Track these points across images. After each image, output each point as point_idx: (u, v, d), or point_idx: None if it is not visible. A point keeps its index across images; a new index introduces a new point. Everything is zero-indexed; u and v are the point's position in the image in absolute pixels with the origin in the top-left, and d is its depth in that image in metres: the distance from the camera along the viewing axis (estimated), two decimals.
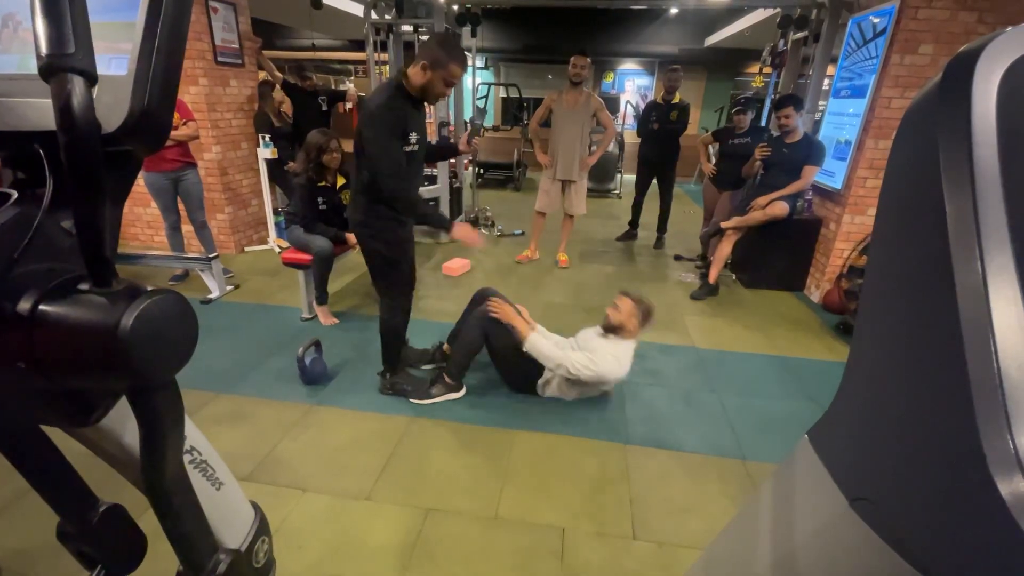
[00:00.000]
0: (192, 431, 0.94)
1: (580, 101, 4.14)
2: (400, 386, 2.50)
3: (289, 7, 6.37)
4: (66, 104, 0.39)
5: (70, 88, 0.39)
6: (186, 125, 3.64)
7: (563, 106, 4.20)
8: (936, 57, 3.36)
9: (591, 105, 4.16)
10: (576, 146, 4.21)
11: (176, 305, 0.49)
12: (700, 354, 3.12)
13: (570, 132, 4.19)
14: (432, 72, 1.95)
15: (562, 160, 4.28)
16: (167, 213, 3.75)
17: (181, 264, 3.89)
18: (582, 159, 4.29)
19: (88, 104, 0.40)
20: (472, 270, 4.46)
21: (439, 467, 2.08)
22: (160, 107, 0.49)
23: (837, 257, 3.85)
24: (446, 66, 1.95)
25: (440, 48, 1.95)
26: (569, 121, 4.18)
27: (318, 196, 3.20)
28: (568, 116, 4.18)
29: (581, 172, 4.33)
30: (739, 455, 2.22)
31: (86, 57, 0.40)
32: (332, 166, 3.18)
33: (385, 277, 2.33)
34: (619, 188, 8.39)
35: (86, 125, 0.40)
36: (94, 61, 0.41)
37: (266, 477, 1.98)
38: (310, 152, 3.12)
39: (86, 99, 0.40)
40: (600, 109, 4.20)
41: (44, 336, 0.45)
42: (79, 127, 0.40)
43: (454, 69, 1.97)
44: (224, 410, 2.39)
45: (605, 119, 4.28)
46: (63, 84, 0.39)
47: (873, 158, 3.62)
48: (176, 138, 3.56)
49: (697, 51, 9.42)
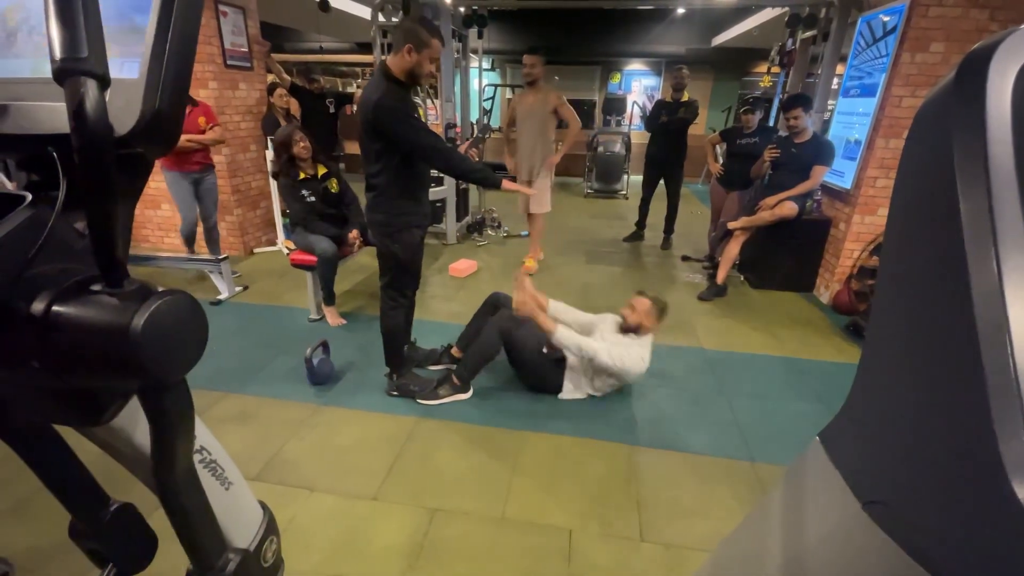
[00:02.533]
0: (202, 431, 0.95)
1: (538, 100, 4.07)
2: (407, 387, 2.51)
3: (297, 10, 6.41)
4: (79, 107, 0.40)
5: (83, 92, 0.40)
6: (212, 129, 3.74)
7: (523, 107, 4.16)
8: (947, 55, 3.33)
9: (549, 102, 4.06)
10: (536, 146, 4.14)
11: (187, 306, 0.49)
12: (708, 355, 3.10)
13: (529, 133, 4.14)
14: (418, 53, 2.00)
15: (524, 161, 4.25)
16: (188, 210, 3.83)
17: (192, 266, 3.93)
18: (545, 158, 4.21)
19: (101, 107, 0.41)
20: (479, 271, 4.46)
21: (446, 468, 2.08)
22: (171, 110, 0.50)
23: (847, 257, 3.81)
24: (430, 43, 2.01)
25: (420, 28, 2.00)
26: (527, 122, 4.14)
27: (302, 190, 3.23)
28: (527, 117, 4.14)
29: (544, 170, 4.23)
30: (748, 457, 2.21)
31: (99, 61, 0.41)
32: (305, 156, 3.22)
33: (394, 275, 2.34)
34: (626, 189, 8.37)
35: (99, 128, 0.41)
36: (107, 65, 0.41)
37: (274, 477, 2.00)
38: (279, 151, 3.22)
39: (99, 102, 0.41)
40: (560, 105, 4.08)
41: (57, 336, 0.46)
42: (92, 130, 0.40)
43: (436, 45, 2.04)
44: (233, 410, 2.41)
45: (566, 114, 4.12)
46: (76, 88, 0.40)
47: (884, 157, 3.58)
48: (202, 142, 3.66)
49: (704, 51, 9.37)
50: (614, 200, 8.17)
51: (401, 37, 2.01)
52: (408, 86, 2.09)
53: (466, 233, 5.60)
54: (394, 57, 2.05)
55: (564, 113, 4.11)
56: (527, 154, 4.20)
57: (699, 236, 5.64)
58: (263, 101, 4.82)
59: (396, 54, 2.03)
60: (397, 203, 2.18)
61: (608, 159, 8.25)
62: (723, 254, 4.00)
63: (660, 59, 10.11)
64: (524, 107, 4.13)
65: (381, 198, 2.17)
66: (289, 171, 3.21)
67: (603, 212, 7.21)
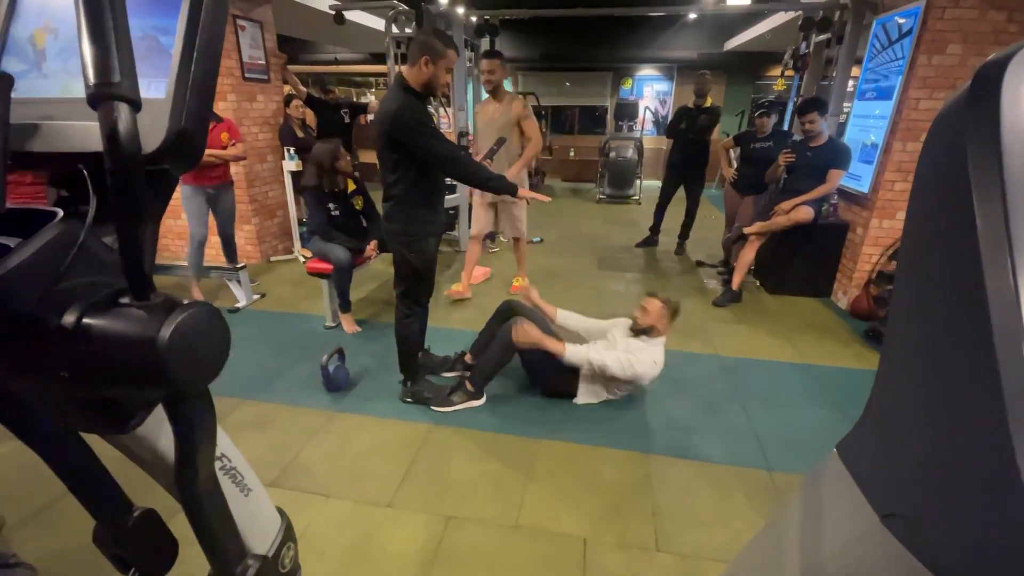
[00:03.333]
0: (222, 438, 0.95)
1: (500, 110, 3.55)
2: (421, 394, 2.52)
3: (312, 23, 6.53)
4: (112, 131, 0.41)
5: (116, 116, 0.41)
6: (234, 146, 3.75)
7: (483, 118, 3.69)
8: (965, 57, 3.28)
9: (512, 112, 3.51)
10: (500, 163, 3.43)
11: (210, 317, 0.50)
12: (723, 362, 3.07)
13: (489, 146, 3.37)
14: (434, 65, 2.04)
15: None
16: (199, 227, 3.73)
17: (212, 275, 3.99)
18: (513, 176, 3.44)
19: (132, 131, 0.42)
20: (492, 278, 4.47)
21: (460, 475, 2.09)
22: (196, 128, 0.52)
23: (865, 262, 3.76)
24: (445, 54, 2.05)
25: (436, 40, 2.04)
26: (487, 134, 3.59)
27: (329, 203, 3.28)
28: (486, 128, 3.64)
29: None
30: (764, 466, 2.18)
31: (131, 85, 0.42)
32: (347, 170, 3.29)
33: (410, 284, 2.37)
34: (638, 194, 8.34)
35: (131, 150, 0.42)
36: (138, 88, 0.43)
37: (290, 483, 2.02)
38: (324, 162, 3.21)
39: (131, 126, 0.42)
40: (524, 118, 3.54)
41: (87, 347, 0.47)
42: (124, 152, 0.42)
43: (452, 55, 2.07)
44: (250, 416, 2.44)
45: (528, 128, 3.56)
46: (110, 112, 0.41)
47: (901, 161, 3.53)
48: (223, 157, 3.66)
49: (716, 55, 9.35)
50: (626, 205, 8.14)
51: (417, 50, 2.04)
52: (425, 97, 2.13)
53: None
54: (410, 69, 2.08)
55: (525, 127, 3.55)
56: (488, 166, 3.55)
57: (713, 241, 5.60)
58: (280, 112, 4.91)
59: (412, 66, 2.07)
60: (414, 212, 2.21)
61: (620, 164, 8.24)
62: (738, 259, 3.96)
63: (672, 64, 10.10)
64: (484, 118, 3.65)
65: (398, 207, 2.20)
66: (324, 183, 3.25)
67: (616, 218, 7.18)
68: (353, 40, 8.70)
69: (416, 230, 2.23)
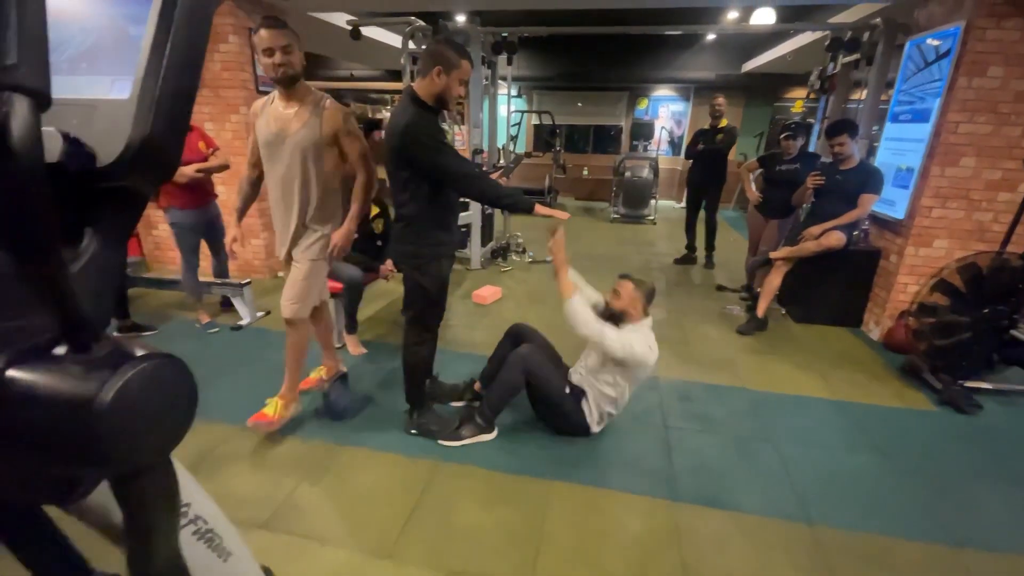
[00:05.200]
0: (196, 496, 0.85)
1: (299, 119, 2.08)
2: (427, 426, 2.35)
3: (329, 38, 6.53)
4: (1, 131, 0.31)
5: (7, 109, 0.32)
6: (214, 155, 3.29)
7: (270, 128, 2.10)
8: (1007, 80, 3.11)
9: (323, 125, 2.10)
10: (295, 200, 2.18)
11: (170, 373, 0.41)
12: (752, 396, 2.86)
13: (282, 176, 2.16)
14: (447, 75, 1.92)
15: (278, 219, 2.29)
16: (192, 256, 3.36)
17: (215, 291, 3.87)
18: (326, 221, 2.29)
19: (29, 129, 0.32)
20: (503, 298, 4.32)
21: (468, 522, 1.90)
22: (167, 136, 0.42)
23: (899, 292, 3.55)
24: (459, 65, 1.92)
25: (449, 50, 1.91)
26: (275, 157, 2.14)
27: None
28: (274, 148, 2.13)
29: (316, 245, 2.26)
30: (804, 518, 1.97)
31: (34, 73, 0.33)
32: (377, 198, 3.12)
33: (421, 309, 2.21)
34: (654, 214, 8.19)
35: (26, 155, 0.32)
36: (46, 78, 0.33)
37: (282, 526, 1.84)
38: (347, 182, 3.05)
39: (27, 123, 0.32)
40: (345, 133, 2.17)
41: (10, 408, 0.38)
42: (16, 157, 0.32)
43: (466, 66, 1.95)
44: (243, 447, 2.28)
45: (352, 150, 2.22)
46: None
47: (939, 186, 3.35)
48: (210, 169, 3.24)
49: (734, 76, 9.24)
50: (641, 226, 7.98)
51: (429, 60, 1.92)
52: (437, 111, 2.00)
53: (490, 258, 5.49)
54: (422, 81, 1.95)
55: (349, 149, 2.19)
56: (280, 213, 2.23)
57: (735, 265, 5.42)
58: None
59: (424, 78, 1.94)
60: (427, 233, 2.07)
61: (635, 184, 8.10)
62: (764, 286, 3.78)
63: (689, 85, 10.03)
64: (272, 129, 2.08)
65: (410, 229, 2.06)
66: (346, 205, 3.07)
67: (631, 238, 7.03)
68: (369, 56, 8.75)
69: (428, 251, 2.09)
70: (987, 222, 3.35)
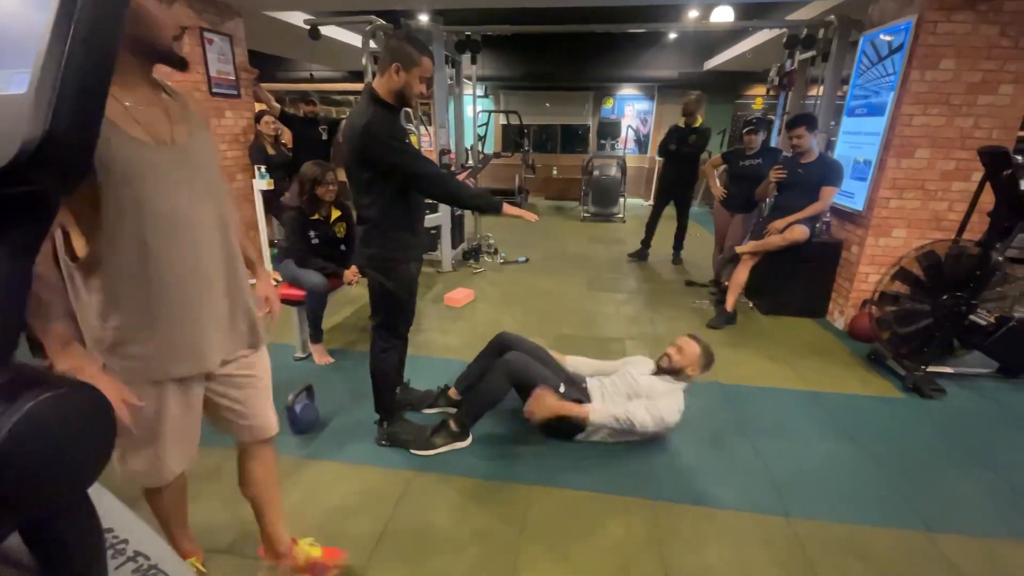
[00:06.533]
0: (136, 530, 0.79)
1: (175, 117, 1.28)
2: (398, 436, 2.27)
3: (287, 39, 6.35)
4: None
5: None
6: None
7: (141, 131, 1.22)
8: (959, 72, 3.22)
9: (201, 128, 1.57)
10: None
11: (81, 404, 0.38)
12: (725, 390, 2.88)
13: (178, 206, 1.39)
14: (407, 72, 1.83)
15: None
16: None
17: None
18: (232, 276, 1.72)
19: None
20: (476, 300, 4.25)
21: (445, 533, 1.83)
22: (72, 131, 0.37)
23: (862, 281, 3.65)
24: (419, 61, 1.83)
25: (408, 46, 1.82)
26: (175, 180, 1.29)
27: (310, 229, 3.01)
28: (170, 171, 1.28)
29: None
30: (782, 511, 1.97)
31: None
32: (327, 199, 2.98)
33: (388, 315, 2.14)
34: (623, 212, 8.25)
35: None
36: None
37: (248, 549, 1.74)
38: (304, 184, 2.92)
39: None
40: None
41: None
42: None
43: (427, 63, 1.86)
44: (204, 466, 2.14)
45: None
46: None
47: (895, 178, 3.45)
48: None
49: (696, 74, 9.40)
50: (611, 224, 8.03)
51: (387, 56, 1.84)
52: (397, 109, 1.92)
53: (462, 260, 5.41)
54: (380, 79, 1.87)
55: None
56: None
57: (701, 259, 5.50)
58: (251, 129, 4.67)
59: (383, 75, 1.86)
60: (392, 235, 1.99)
61: (604, 183, 8.15)
62: (731, 279, 3.82)
63: (653, 83, 10.16)
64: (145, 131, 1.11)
65: (375, 231, 1.97)
66: (306, 208, 2.96)
67: (602, 236, 7.06)
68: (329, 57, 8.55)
69: (395, 255, 2.01)
70: (943, 211, 3.47)
